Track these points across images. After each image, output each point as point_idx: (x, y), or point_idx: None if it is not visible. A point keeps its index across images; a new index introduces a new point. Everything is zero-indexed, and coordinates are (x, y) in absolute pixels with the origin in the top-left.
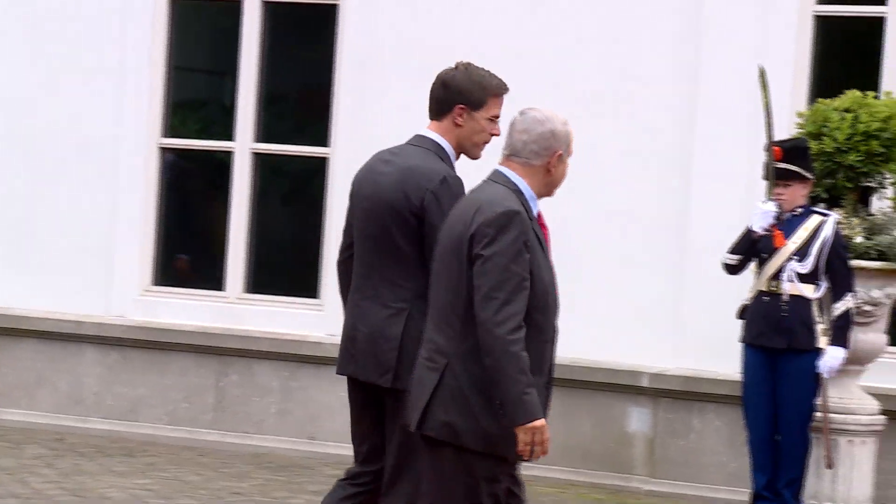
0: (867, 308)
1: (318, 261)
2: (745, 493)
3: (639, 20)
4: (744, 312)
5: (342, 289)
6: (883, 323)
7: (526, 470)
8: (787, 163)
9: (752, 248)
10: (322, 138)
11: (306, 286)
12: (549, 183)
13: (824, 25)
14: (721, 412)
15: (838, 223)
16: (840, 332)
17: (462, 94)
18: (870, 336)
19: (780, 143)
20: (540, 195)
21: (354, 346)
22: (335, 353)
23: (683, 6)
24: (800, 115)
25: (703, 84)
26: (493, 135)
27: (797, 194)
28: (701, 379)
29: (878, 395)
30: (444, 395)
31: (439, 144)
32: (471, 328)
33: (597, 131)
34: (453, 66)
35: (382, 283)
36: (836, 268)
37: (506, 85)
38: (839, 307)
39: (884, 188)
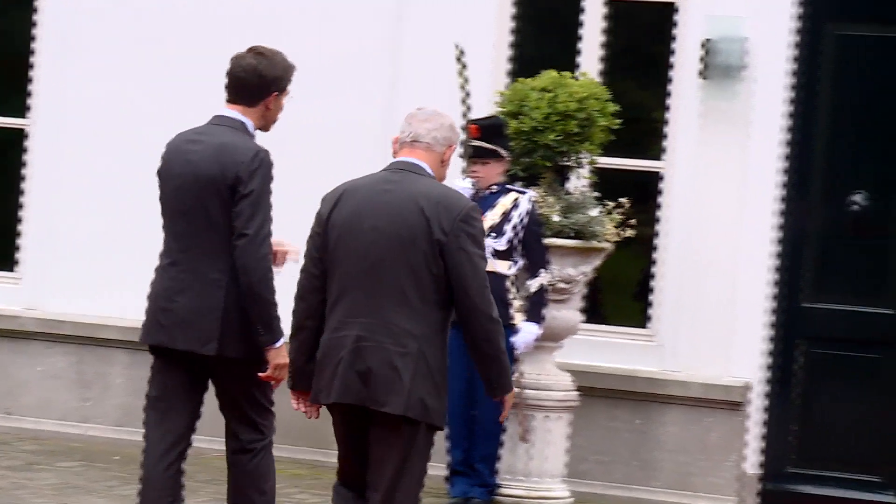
0: (563, 286)
1: (16, 233)
2: (441, 469)
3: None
4: None
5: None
6: (578, 300)
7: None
8: (483, 141)
9: None
10: (20, 110)
11: (3, 259)
12: (441, 176)
13: (524, 5)
14: None
15: (535, 201)
16: (535, 308)
17: (276, 82)
18: (565, 313)
19: (477, 121)
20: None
21: (168, 316)
22: (33, 327)
23: None
24: (499, 94)
25: (406, 62)
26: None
27: (493, 172)
28: None
29: (573, 372)
30: (419, 377)
31: (243, 123)
32: (434, 313)
33: (304, 108)
34: (251, 52)
35: (201, 257)
36: (531, 245)
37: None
38: (534, 284)
39: (580, 167)
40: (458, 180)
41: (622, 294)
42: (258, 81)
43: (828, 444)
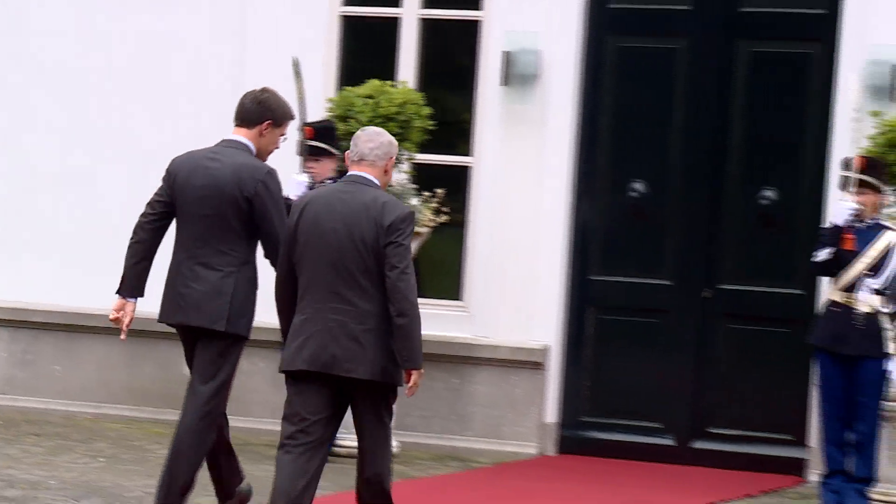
0: None
1: None
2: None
3: (187, 19)
4: None
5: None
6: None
7: (94, 409)
8: (317, 141)
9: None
10: None
11: None
12: (385, 182)
13: (349, 24)
14: (264, 355)
15: None
16: None
17: (271, 113)
18: None
19: (312, 124)
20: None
21: (185, 299)
22: None
23: (229, 6)
24: (329, 100)
25: (249, 73)
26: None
27: (326, 168)
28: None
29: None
30: (380, 347)
31: (247, 146)
32: (380, 294)
33: (160, 119)
34: (261, 89)
35: (215, 253)
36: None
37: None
38: None
39: (401, 163)
40: (296, 175)
41: (439, 271)
42: (257, 108)
43: (615, 397)
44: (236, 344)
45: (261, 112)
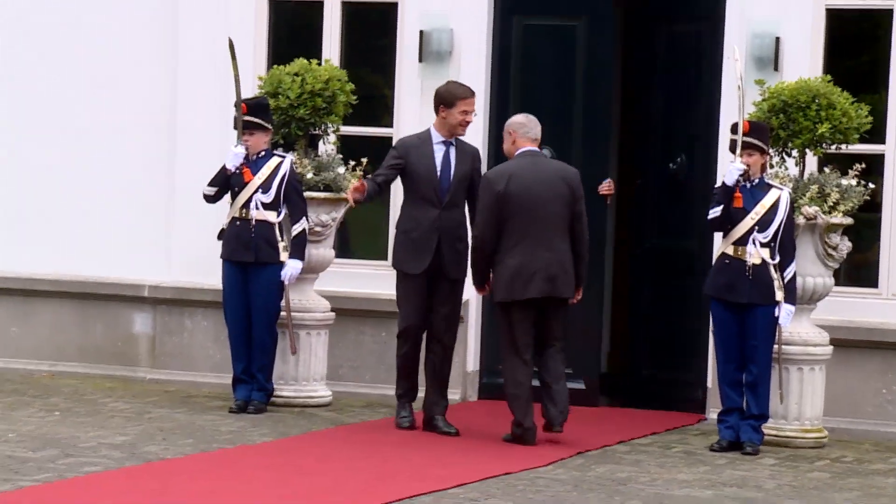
0: (318, 229)
1: None
2: (227, 378)
3: (120, 4)
4: (221, 234)
5: None
6: (331, 240)
7: (49, 367)
8: (251, 116)
9: (226, 182)
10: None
11: None
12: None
13: (277, 8)
14: (207, 315)
15: (293, 163)
16: (298, 247)
17: (439, 99)
18: (321, 251)
19: (246, 100)
20: None
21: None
22: None
23: None
24: (260, 78)
25: (182, 56)
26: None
27: (260, 141)
28: (191, 289)
29: (329, 297)
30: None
31: (428, 130)
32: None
33: (100, 98)
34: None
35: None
36: (292, 197)
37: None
38: (296, 228)
39: (328, 135)
40: (234, 147)
41: (366, 234)
42: (434, 100)
43: None
44: None
45: (434, 102)
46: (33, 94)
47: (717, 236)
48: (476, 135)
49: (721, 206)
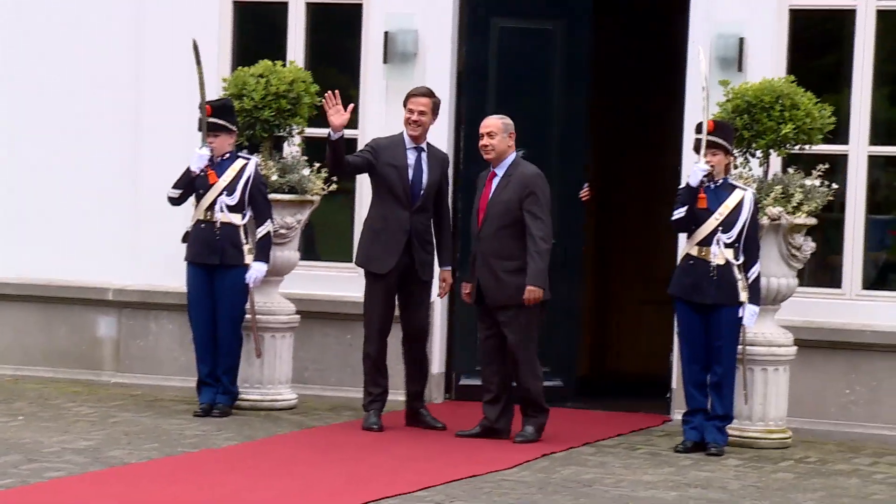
0: (283, 231)
1: None
2: (192, 381)
3: (84, 3)
4: (186, 237)
5: None
6: (295, 242)
7: (13, 371)
8: (216, 118)
9: (190, 185)
10: None
11: None
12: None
13: (241, 10)
14: (173, 318)
15: (258, 165)
16: (263, 250)
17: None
18: (286, 253)
19: (211, 102)
20: None
21: None
22: None
23: None
24: (224, 80)
25: (147, 57)
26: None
27: (225, 143)
28: (156, 292)
29: (294, 299)
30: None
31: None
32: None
33: (73, 105)
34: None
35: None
36: (257, 200)
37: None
38: (261, 231)
39: (292, 136)
40: (199, 149)
41: (330, 236)
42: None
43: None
44: None
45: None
46: (30, 93)
47: (681, 236)
48: (440, 135)
49: (685, 207)
